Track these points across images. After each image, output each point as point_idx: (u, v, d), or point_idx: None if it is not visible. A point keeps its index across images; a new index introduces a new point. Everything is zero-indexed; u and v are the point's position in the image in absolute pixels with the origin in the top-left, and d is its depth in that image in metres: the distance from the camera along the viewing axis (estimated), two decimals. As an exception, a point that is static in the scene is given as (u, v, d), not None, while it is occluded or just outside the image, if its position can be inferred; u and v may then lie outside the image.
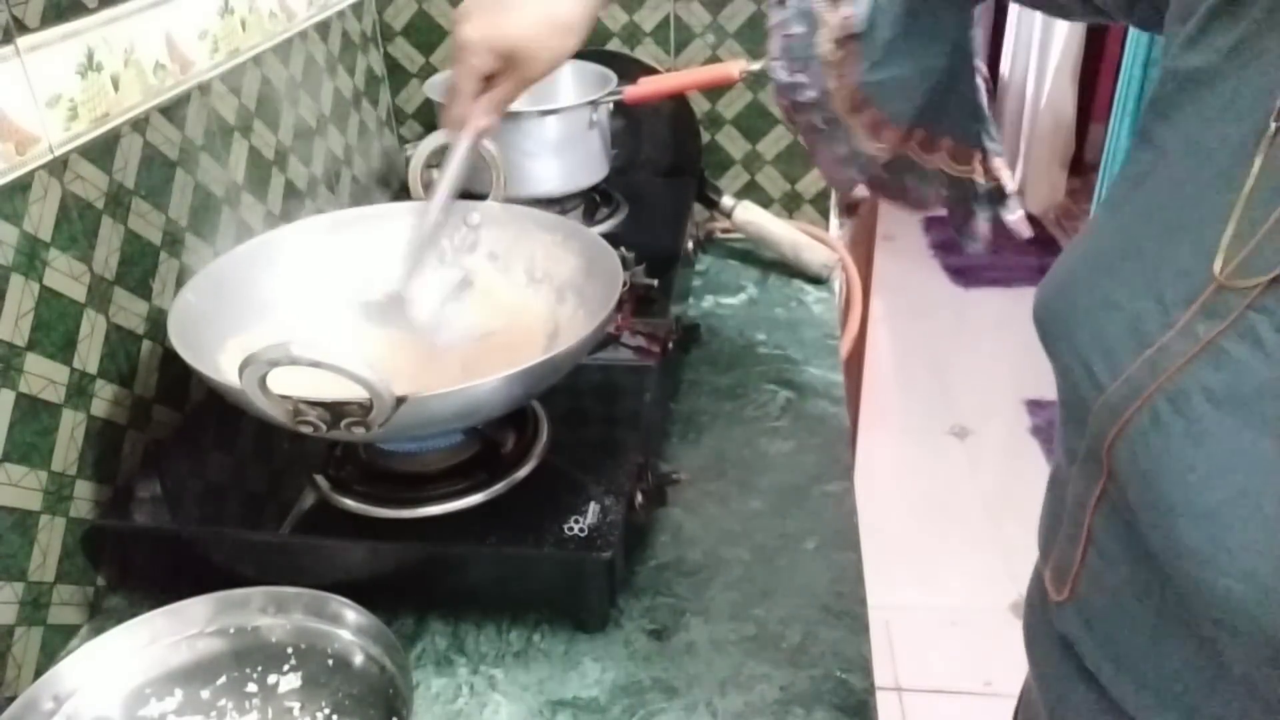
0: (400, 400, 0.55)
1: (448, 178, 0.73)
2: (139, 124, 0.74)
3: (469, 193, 0.79)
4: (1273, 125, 0.40)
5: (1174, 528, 0.42)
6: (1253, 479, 0.39)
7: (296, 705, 0.58)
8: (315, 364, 0.53)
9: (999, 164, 0.72)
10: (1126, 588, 0.49)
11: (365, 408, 0.56)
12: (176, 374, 0.79)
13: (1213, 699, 0.45)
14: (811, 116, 0.70)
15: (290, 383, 0.56)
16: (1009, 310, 2.99)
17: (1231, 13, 0.44)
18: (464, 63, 0.69)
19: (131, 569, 0.71)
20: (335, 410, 0.57)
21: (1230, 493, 0.39)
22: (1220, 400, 0.40)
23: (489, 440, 0.73)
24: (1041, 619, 0.59)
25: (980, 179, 0.73)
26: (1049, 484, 0.58)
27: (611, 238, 0.79)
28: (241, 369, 0.54)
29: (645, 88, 1.05)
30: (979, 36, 0.70)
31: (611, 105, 1.06)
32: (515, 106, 0.88)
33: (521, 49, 0.68)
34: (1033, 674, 0.63)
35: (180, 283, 0.79)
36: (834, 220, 1.32)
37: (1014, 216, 0.74)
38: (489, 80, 0.70)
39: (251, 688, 0.58)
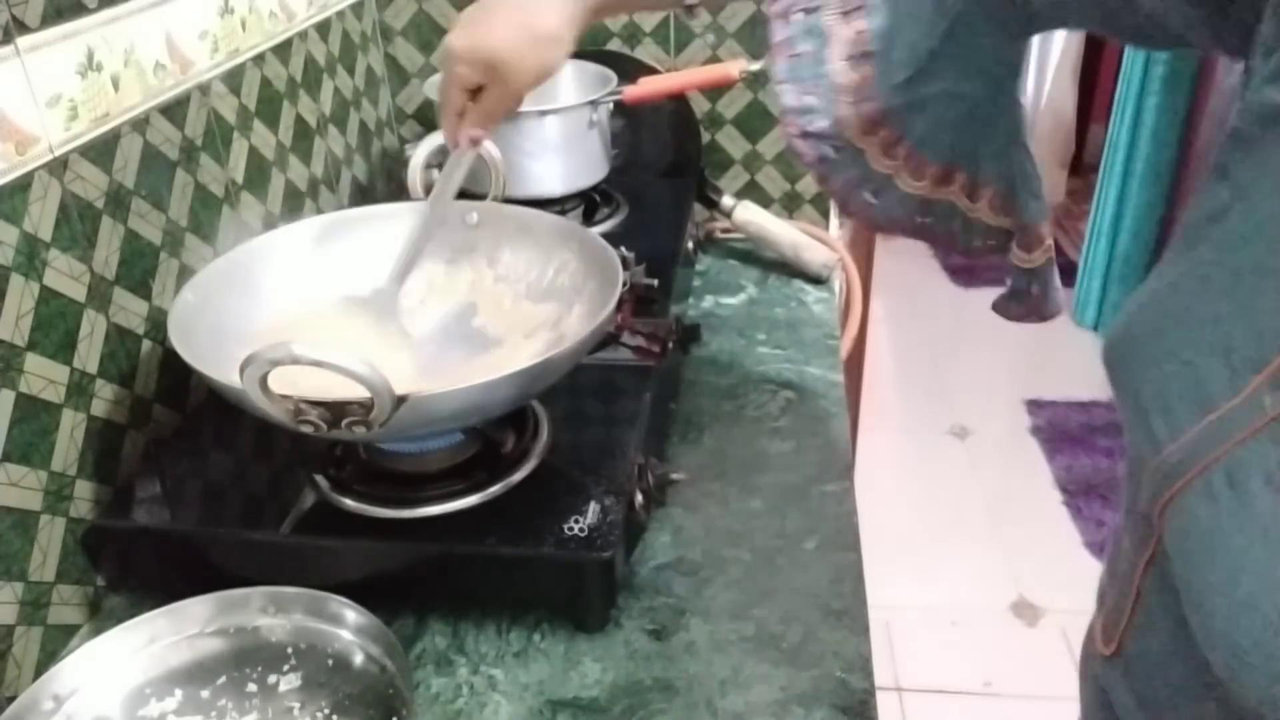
0: (401, 399, 0.55)
1: (445, 187, 0.74)
2: (139, 124, 0.74)
3: (469, 193, 0.79)
4: None
5: (1210, 611, 0.39)
6: None
7: (296, 705, 0.58)
8: (316, 363, 0.53)
9: (1043, 231, 0.68)
10: (1170, 657, 0.46)
11: (366, 407, 0.56)
12: (176, 374, 0.79)
13: None
14: (822, 146, 0.64)
15: (291, 382, 0.56)
16: (1009, 310, 2.98)
17: None
18: (450, 71, 0.69)
19: (131, 569, 0.71)
20: (336, 409, 0.57)
21: (1272, 585, 0.36)
22: (1279, 484, 0.36)
23: (489, 440, 0.73)
24: (1089, 666, 0.56)
25: (1019, 253, 0.69)
26: (1115, 532, 0.54)
27: (611, 238, 0.79)
28: (242, 369, 0.54)
29: (645, 88, 1.05)
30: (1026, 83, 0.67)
31: (611, 105, 1.06)
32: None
33: (502, 59, 0.67)
34: (1081, 713, 0.60)
35: (180, 283, 0.79)
36: (834, 220, 1.32)
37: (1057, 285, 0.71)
38: (477, 91, 0.70)
39: (251, 688, 0.58)
